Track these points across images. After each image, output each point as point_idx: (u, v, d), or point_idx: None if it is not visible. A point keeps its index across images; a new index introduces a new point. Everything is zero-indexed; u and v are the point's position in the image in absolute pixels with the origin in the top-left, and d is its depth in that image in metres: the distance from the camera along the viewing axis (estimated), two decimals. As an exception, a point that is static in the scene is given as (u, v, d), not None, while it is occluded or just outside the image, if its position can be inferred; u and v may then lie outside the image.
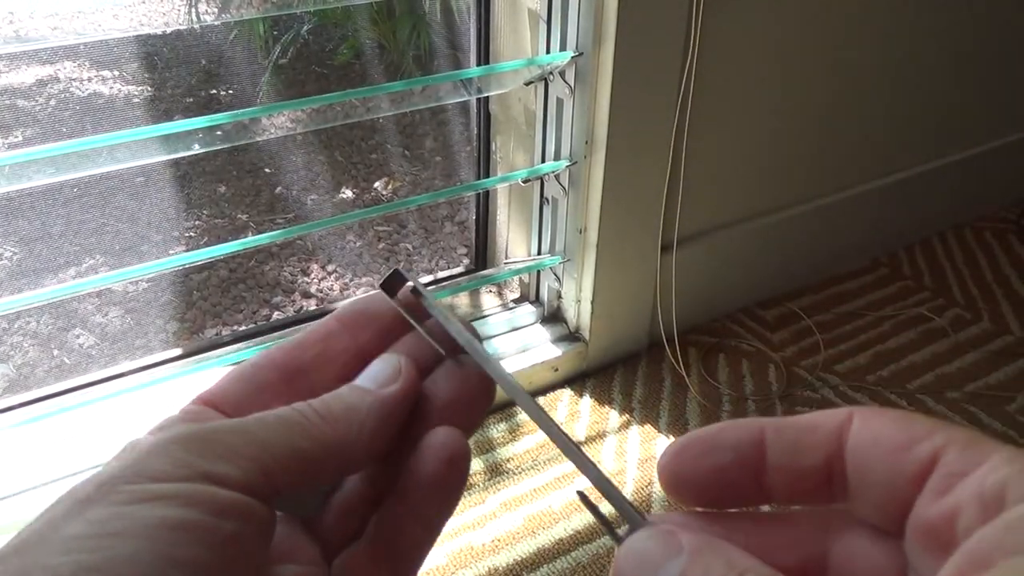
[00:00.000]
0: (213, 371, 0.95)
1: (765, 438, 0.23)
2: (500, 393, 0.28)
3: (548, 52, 0.93)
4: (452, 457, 0.25)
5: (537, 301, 1.12)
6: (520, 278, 1.12)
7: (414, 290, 0.28)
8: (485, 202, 1.15)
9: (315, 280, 1.76)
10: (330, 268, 1.79)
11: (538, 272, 1.09)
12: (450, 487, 0.25)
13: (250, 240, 0.86)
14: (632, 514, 0.23)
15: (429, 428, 0.26)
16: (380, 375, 0.26)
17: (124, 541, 0.19)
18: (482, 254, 1.19)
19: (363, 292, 1.76)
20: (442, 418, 0.26)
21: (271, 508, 0.23)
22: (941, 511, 0.20)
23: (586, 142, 0.95)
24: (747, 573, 0.20)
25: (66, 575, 0.18)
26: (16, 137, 2.08)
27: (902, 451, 0.21)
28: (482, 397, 0.27)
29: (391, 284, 0.28)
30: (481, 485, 0.91)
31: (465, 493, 0.72)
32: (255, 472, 0.22)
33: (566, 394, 1.05)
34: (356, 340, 0.28)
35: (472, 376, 0.27)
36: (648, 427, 1.00)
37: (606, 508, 0.24)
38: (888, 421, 0.22)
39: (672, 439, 0.99)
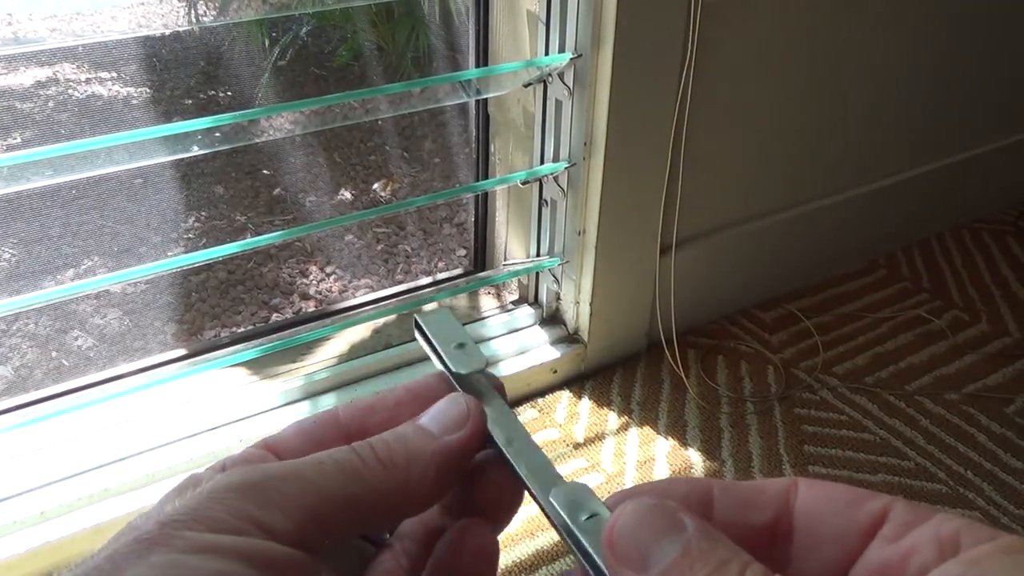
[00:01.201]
0: (212, 373, 0.95)
1: (713, 494, 0.24)
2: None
3: (547, 54, 0.93)
4: (483, 551, 0.25)
5: (536, 303, 1.12)
6: (519, 280, 1.12)
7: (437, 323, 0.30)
8: (484, 204, 1.15)
9: (314, 282, 1.76)
10: (329, 270, 1.79)
11: (537, 274, 1.09)
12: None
13: (249, 242, 0.86)
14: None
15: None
16: (445, 418, 0.26)
17: None
18: (481, 256, 1.19)
19: (362, 294, 1.76)
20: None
21: (319, 559, 0.23)
22: (896, 552, 0.21)
23: (585, 144, 0.95)
24: (751, 564, 0.20)
25: None
26: (15, 139, 2.08)
27: (853, 506, 0.22)
28: (511, 503, 0.27)
29: (422, 319, 0.30)
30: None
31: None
32: (307, 521, 0.22)
33: (565, 396, 1.05)
34: (409, 409, 0.28)
35: (502, 482, 0.26)
36: (647, 429, 1.00)
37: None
38: (833, 484, 0.23)
39: (671, 441, 0.99)
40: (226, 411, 0.91)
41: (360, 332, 1.07)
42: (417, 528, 0.27)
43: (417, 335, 0.30)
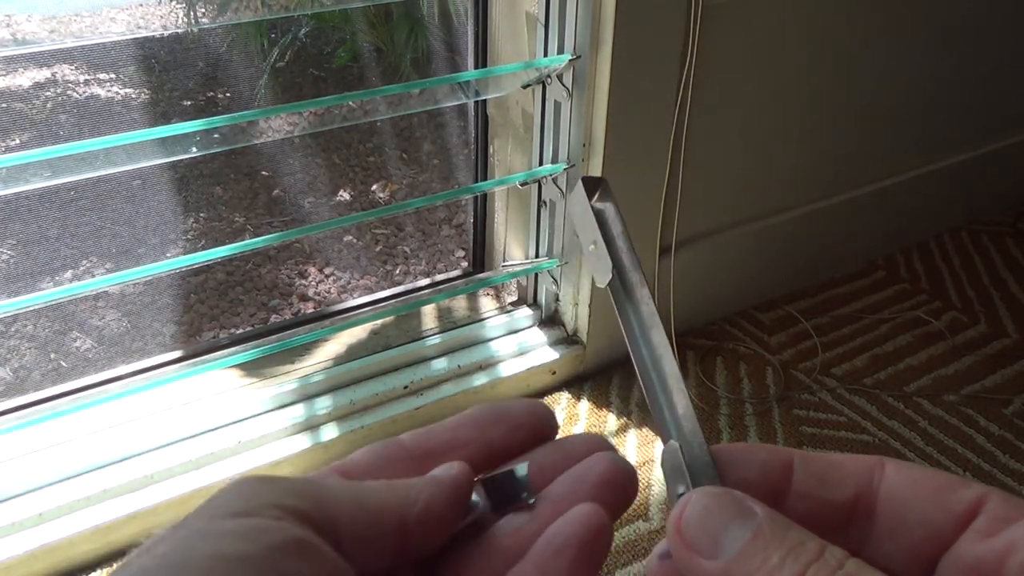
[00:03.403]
0: (210, 374, 0.95)
1: (793, 464, 0.23)
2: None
3: (546, 55, 0.93)
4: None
5: (535, 304, 1.11)
6: (518, 281, 1.12)
7: (602, 196, 0.28)
8: (483, 205, 1.15)
9: (313, 283, 1.76)
10: (328, 271, 1.79)
11: (536, 275, 1.09)
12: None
13: (247, 243, 0.86)
14: (711, 477, 0.23)
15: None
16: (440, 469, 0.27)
17: (181, 572, 0.20)
18: (480, 257, 1.19)
19: (361, 294, 1.75)
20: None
21: (339, 556, 0.23)
22: (991, 548, 0.20)
23: (584, 145, 0.95)
24: (829, 546, 0.20)
25: None
26: (13, 140, 2.08)
27: (945, 493, 0.22)
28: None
29: (592, 185, 0.28)
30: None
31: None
32: (318, 511, 0.22)
33: (564, 397, 1.05)
34: (484, 434, 0.28)
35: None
36: (646, 430, 1.00)
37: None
38: (923, 468, 0.23)
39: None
40: (225, 412, 0.91)
41: (359, 333, 1.07)
42: None
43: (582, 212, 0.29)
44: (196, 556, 0.20)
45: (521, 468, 0.26)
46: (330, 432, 0.92)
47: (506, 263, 1.14)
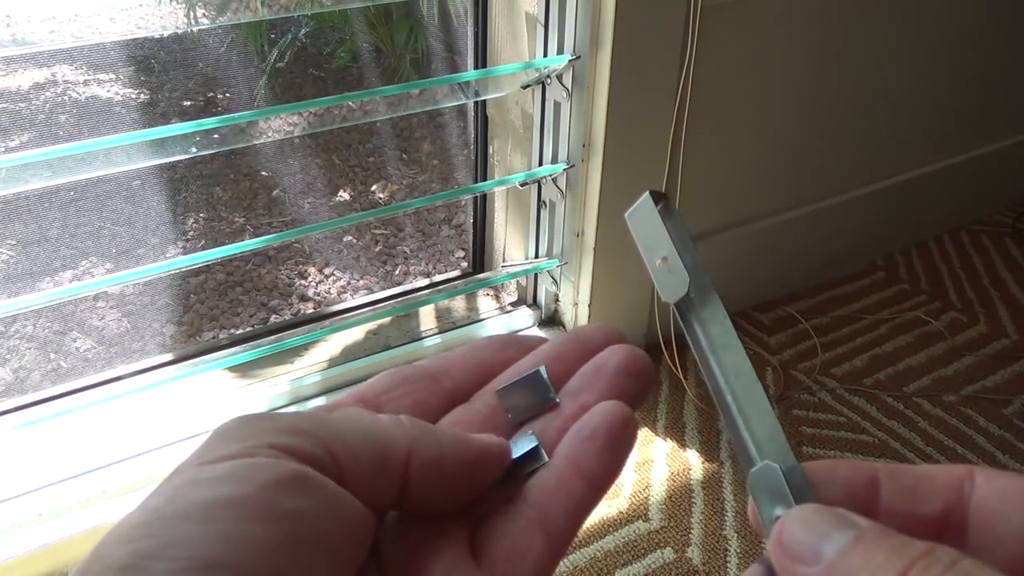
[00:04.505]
0: (210, 375, 0.95)
1: (879, 480, 0.23)
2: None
3: (545, 55, 0.93)
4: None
5: (534, 304, 1.11)
6: (517, 281, 1.12)
7: (666, 209, 0.28)
8: (482, 205, 1.15)
9: (312, 283, 1.76)
10: (327, 271, 1.79)
11: (535, 275, 1.09)
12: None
13: (247, 243, 0.86)
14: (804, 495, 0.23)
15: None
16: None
17: (177, 524, 0.19)
18: (479, 257, 1.19)
19: (361, 295, 1.75)
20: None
21: (342, 489, 0.22)
22: None
23: (583, 145, 0.95)
24: (938, 545, 0.20)
25: (120, 564, 0.18)
26: (13, 140, 2.08)
27: None
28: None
29: (656, 198, 0.28)
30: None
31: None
32: (318, 447, 0.22)
33: (563, 397, 1.05)
34: (501, 353, 0.29)
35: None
36: (645, 431, 1.00)
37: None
38: (1013, 476, 0.22)
39: (670, 442, 0.99)
40: (225, 413, 0.91)
41: (359, 334, 1.07)
42: None
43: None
44: (189, 505, 0.19)
45: (541, 370, 0.27)
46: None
47: (506, 263, 1.14)
